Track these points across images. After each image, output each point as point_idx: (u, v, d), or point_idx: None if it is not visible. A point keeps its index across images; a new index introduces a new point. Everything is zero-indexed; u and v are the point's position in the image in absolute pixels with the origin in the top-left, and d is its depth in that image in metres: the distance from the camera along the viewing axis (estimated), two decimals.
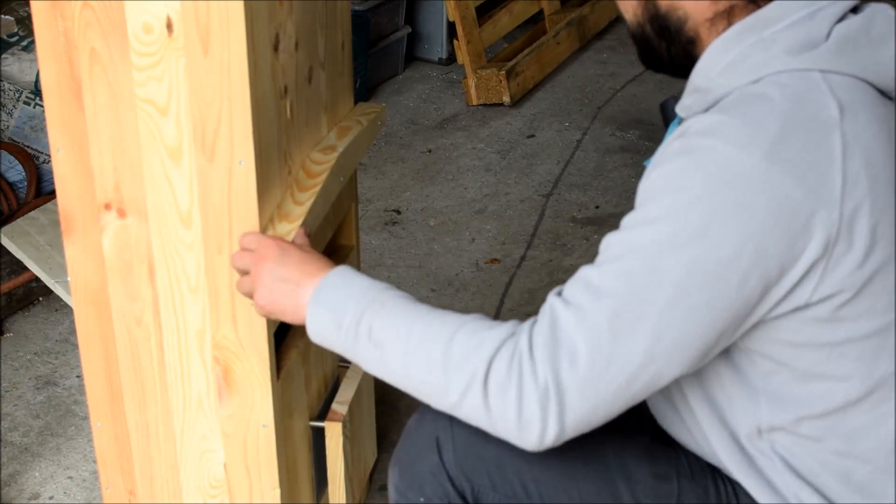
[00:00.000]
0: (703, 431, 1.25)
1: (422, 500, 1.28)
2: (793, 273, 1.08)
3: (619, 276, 1.08)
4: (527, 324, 1.12)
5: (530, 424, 1.09)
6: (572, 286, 1.11)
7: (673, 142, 1.12)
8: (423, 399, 1.17)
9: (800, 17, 1.14)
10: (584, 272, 1.11)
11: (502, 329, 1.12)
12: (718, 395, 1.22)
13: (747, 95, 1.12)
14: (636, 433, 1.31)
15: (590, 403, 1.08)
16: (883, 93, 1.18)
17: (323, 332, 1.21)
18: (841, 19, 1.16)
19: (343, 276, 1.22)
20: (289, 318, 1.26)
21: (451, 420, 1.25)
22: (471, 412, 1.12)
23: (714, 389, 1.22)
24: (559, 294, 1.12)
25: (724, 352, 1.18)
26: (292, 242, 1.31)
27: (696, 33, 1.20)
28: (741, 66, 1.15)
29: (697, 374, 1.22)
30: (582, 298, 1.09)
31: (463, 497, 1.27)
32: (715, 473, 1.27)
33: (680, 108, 1.24)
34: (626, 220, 1.12)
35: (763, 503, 1.21)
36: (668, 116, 1.45)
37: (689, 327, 1.08)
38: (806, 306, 1.11)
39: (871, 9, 1.18)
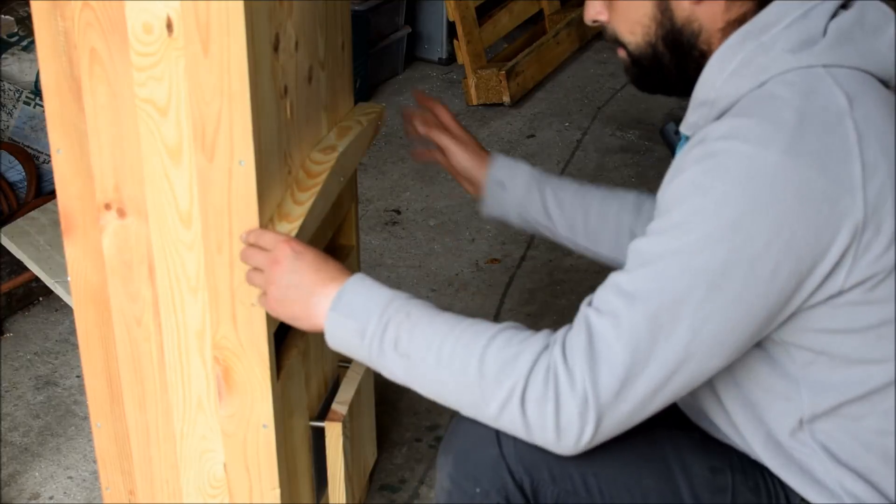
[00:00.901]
0: (740, 434, 1.26)
1: (478, 490, 1.26)
2: (824, 264, 1.10)
3: (652, 279, 1.09)
4: (560, 334, 1.15)
5: (568, 432, 1.12)
6: (603, 294, 1.13)
7: (692, 149, 1.13)
8: (456, 409, 1.19)
9: (795, 17, 1.17)
10: (614, 279, 1.13)
11: (536, 341, 1.14)
12: (755, 393, 1.22)
13: (758, 97, 1.14)
14: (688, 428, 1.32)
15: (628, 406, 1.11)
16: (883, 81, 1.20)
17: (343, 340, 1.24)
18: (834, 15, 1.19)
19: (362, 284, 1.24)
20: (302, 325, 1.28)
21: None
22: (508, 425, 1.15)
23: (750, 389, 1.23)
24: (590, 304, 1.13)
25: (759, 348, 1.19)
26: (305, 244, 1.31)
27: (708, 46, 1.22)
28: (745, 71, 1.17)
29: (732, 376, 1.23)
30: (616, 305, 1.10)
31: (521, 490, 1.26)
32: (762, 468, 1.28)
33: (685, 127, 1.25)
34: (653, 226, 1.13)
35: (808, 498, 1.22)
36: (670, 140, 1.45)
37: (726, 324, 1.10)
38: (840, 293, 1.13)
39: (861, 3, 1.21)
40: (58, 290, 2.35)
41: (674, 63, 1.24)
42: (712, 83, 1.20)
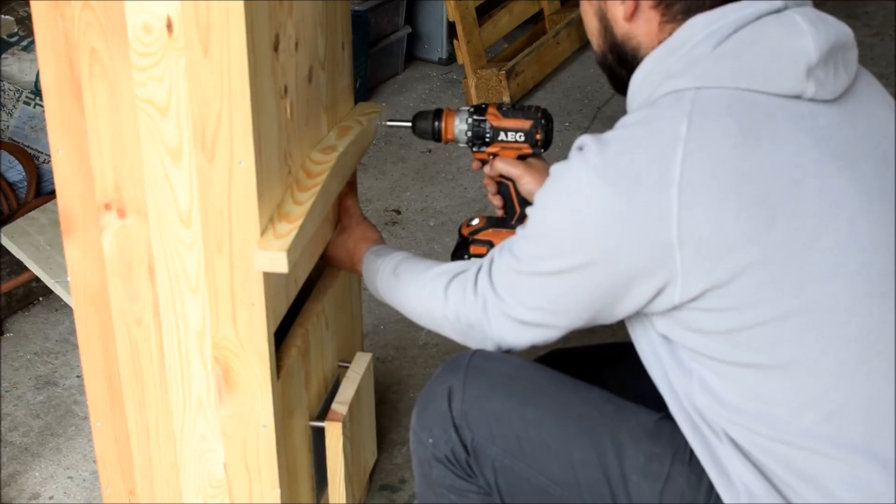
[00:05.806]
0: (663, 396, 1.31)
1: (430, 441, 1.40)
2: (641, 280, 1.18)
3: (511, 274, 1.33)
4: (470, 276, 1.40)
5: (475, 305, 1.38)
6: (498, 271, 1.35)
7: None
8: (416, 311, 1.49)
9: (698, 41, 1.21)
10: (507, 256, 1.33)
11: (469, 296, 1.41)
12: (657, 370, 1.30)
13: (633, 118, 1.23)
14: (648, 410, 1.34)
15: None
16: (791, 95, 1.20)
17: (368, 268, 1.60)
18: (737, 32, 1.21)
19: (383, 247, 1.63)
20: (346, 268, 1.69)
21: (466, 374, 1.38)
22: (436, 307, 1.43)
23: (652, 365, 1.30)
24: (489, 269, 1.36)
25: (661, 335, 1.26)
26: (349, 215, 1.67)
27: None
28: (649, 81, 1.26)
29: (644, 344, 1.31)
30: (487, 290, 1.36)
31: (464, 444, 1.38)
32: None
33: None
34: (530, 210, 1.29)
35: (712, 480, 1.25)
36: None
37: (564, 304, 1.28)
38: (681, 305, 1.19)
39: (766, 19, 1.21)
40: (58, 290, 2.35)
41: (624, 72, 1.33)
42: (630, 106, 1.29)
